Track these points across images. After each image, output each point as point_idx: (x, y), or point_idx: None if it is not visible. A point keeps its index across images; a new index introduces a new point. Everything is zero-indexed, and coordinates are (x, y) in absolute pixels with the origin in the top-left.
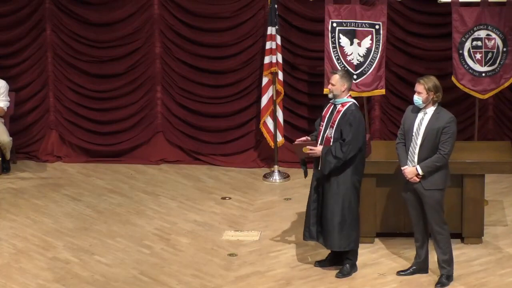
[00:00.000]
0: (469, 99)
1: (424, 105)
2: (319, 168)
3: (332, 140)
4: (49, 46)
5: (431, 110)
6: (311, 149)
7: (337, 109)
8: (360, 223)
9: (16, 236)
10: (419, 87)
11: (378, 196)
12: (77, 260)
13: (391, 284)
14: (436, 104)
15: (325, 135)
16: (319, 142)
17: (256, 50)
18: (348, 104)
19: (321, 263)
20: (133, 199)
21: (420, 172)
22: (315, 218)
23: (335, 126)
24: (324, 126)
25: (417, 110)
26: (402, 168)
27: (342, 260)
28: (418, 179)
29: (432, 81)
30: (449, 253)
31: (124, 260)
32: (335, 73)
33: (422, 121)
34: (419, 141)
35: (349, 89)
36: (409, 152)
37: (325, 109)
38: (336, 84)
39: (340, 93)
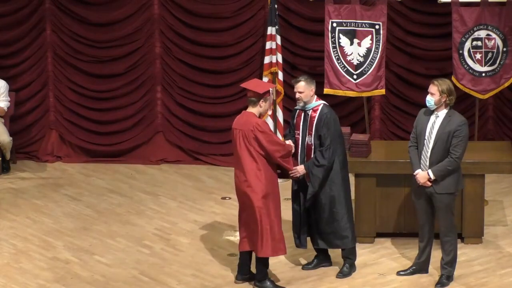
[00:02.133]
0: (469, 99)
1: (435, 106)
2: (309, 185)
3: (313, 146)
4: (49, 46)
5: (443, 113)
6: (291, 171)
7: (310, 116)
8: (354, 218)
9: (16, 236)
10: (432, 88)
11: (378, 196)
12: (77, 260)
13: (391, 284)
14: (448, 107)
15: (306, 143)
16: (299, 152)
17: (256, 50)
18: (320, 108)
19: (308, 266)
20: (133, 199)
21: (432, 176)
22: (306, 226)
23: (313, 133)
24: (301, 134)
25: (430, 113)
26: (414, 172)
27: (329, 258)
28: (430, 184)
29: (446, 83)
30: (453, 255)
31: (124, 260)
32: (299, 81)
33: (434, 124)
34: (431, 145)
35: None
36: (422, 156)
37: (296, 117)
38: (304, 91)
39: (310, 99)
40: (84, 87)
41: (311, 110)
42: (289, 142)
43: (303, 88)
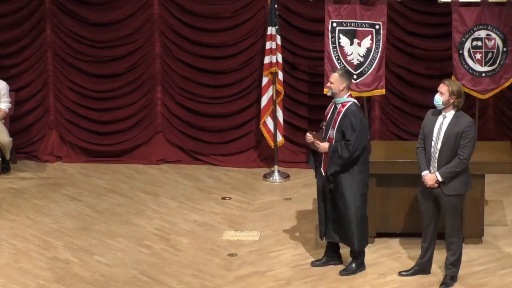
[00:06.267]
0: (469, 99)
1: (442, 106)
2: (321, 168)
3: (334, 141)
4: (49, 46)
5: (450, 114)
6: (316, 143)
7: (337, 110)
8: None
9: (16, 236)
10: (443, 88)
11: (378, 196)
12: (77, 260)
13: (391, 284)
14: (456, 109)
15: (328, 136)
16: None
17: (256, 50)
18: (348, 104)
19: (318, 262)
20: (133, 199)
21: (439, 178)
22: (327, 217)
23: (336, 127)
24: (326, 126)
25: (437, 113)
26: (422, 174)
27: (339, 257)
28: (437, 185)
29: (457, 85)
30: (458, 256)
31: (124, 260)
32: (335, 72)
33: (441, 125)
34: (439, 146)
35: (348, 88)
36: (430, 157)
37: (327, 109)
38: (334, 82)
39: (339, 92)
40: (84, 87)
41: (340, 105)
42: None
43: (335, 79)
